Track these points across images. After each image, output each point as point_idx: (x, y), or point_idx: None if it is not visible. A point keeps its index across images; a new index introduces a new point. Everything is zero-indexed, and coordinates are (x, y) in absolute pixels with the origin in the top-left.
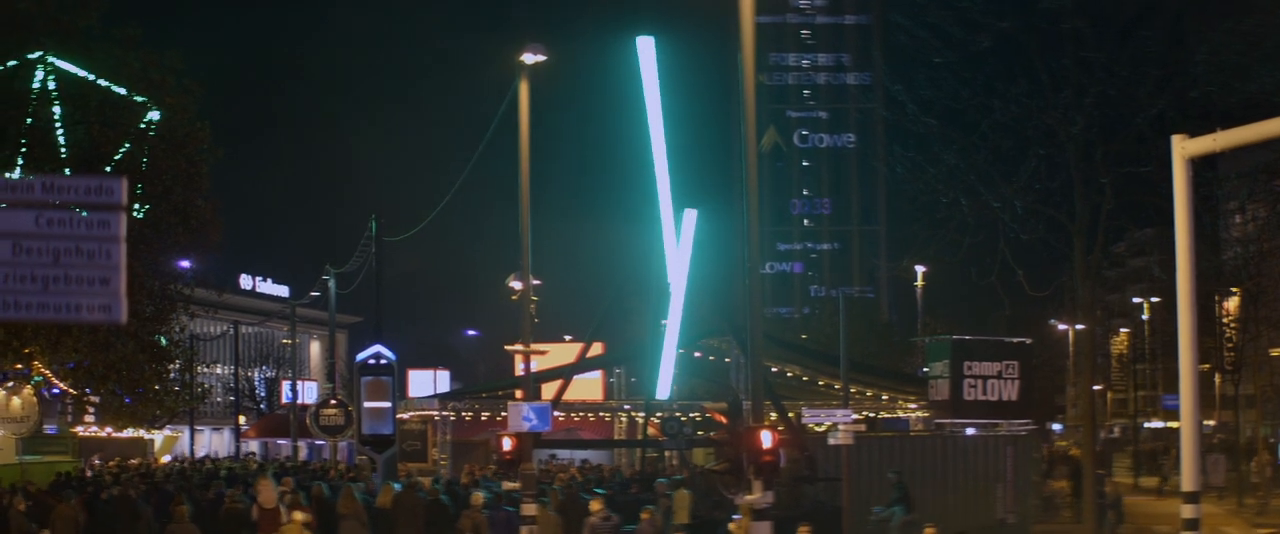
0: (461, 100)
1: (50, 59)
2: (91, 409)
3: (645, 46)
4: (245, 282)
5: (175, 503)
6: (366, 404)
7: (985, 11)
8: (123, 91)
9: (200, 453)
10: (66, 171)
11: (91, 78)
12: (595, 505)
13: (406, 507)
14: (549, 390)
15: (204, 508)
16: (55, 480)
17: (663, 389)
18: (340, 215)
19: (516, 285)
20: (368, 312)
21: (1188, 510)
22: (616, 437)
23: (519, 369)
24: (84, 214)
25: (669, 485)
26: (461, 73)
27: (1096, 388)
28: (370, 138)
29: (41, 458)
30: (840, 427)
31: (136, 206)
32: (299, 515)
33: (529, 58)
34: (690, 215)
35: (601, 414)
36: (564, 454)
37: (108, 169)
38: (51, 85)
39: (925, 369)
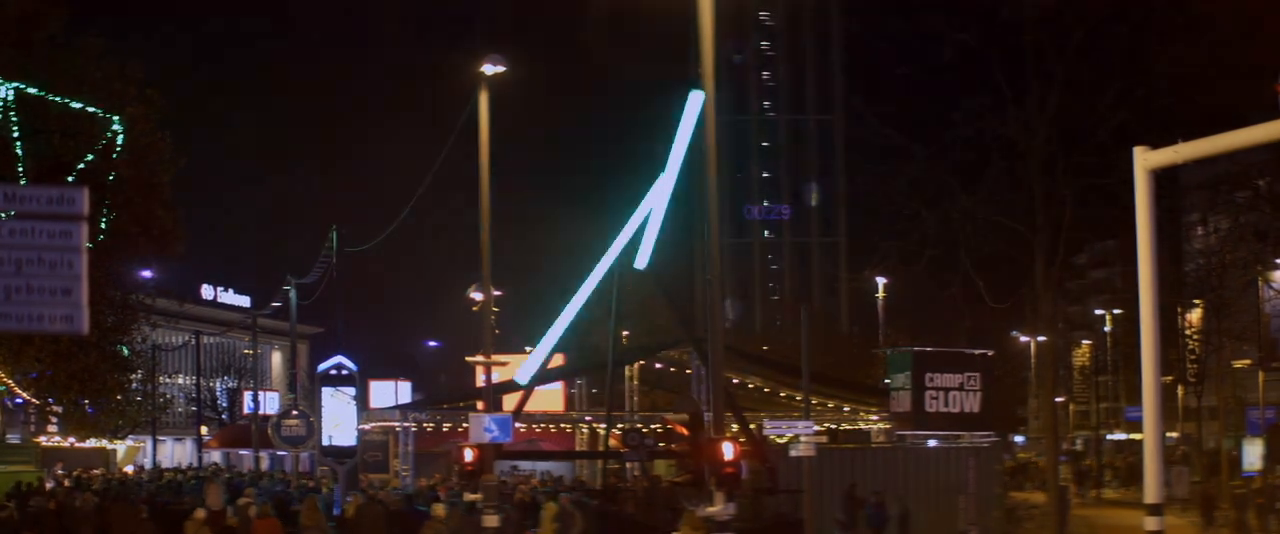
0: (425, 109)
1: (9, 67)
2: (54, 419)
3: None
4: (206, 292)
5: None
6: (328, 415)
7: (946, 24)
8: (81, 106)
9: (159, 463)
10: (22, 182)
11: (49, 96)
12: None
13: (369, 517)
14: (510, 402)
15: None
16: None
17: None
18: (302, 225)
19: (477, 296)
20: (329, 322)
21: (1151, 523)
22: (578, 448)
23: (480, 380)
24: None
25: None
26: (425, 81)
27: (1058, 400)
28: (333, 146)
29: (5, 467)
30: (802, 438)
31: (104, 215)
32: (200, 513)
33: (489, 68)
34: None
35: (563, 426)
36: (526, 465)
37: (70, 179)
38: (9, 96)
39: (887, 381)
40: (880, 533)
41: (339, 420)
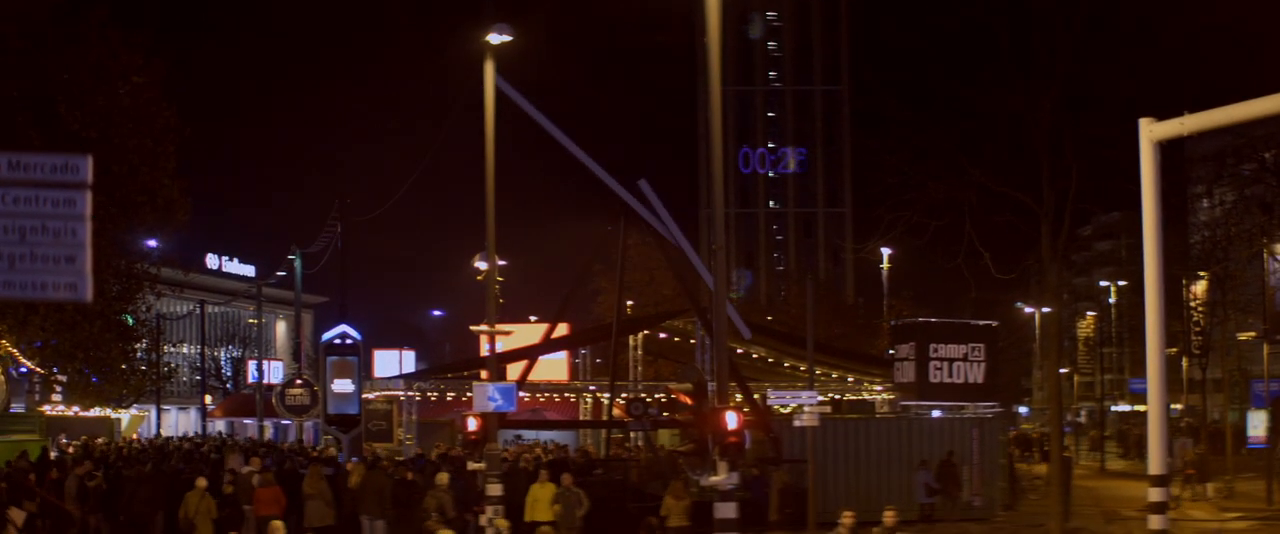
0: (431, 79)
1: (12, 36)
2: (58, 388)
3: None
4: (211, 261)
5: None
6: (332, 384)
7: None
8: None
9: (162, 432)
10: None
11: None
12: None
13: (373, 486)
14: (514, 371)
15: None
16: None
17: None
18: (307, 195)
19: (482, 266)
20: (333, 291)
21: (1155, 494)
22: (582, 417)
23: (484, 349)
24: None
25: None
26: (431, 51)
27: (1063, 371)
28: (338, 116)
29: (9, 437)
30: (806, 408)
31: (109, 184)
32: (201, 482)
33: (495, 38)
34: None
35: (567, 395)
36: (530, 435)
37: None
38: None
39: (891, 351)
40: (762, 506)
41: (343, 390)
